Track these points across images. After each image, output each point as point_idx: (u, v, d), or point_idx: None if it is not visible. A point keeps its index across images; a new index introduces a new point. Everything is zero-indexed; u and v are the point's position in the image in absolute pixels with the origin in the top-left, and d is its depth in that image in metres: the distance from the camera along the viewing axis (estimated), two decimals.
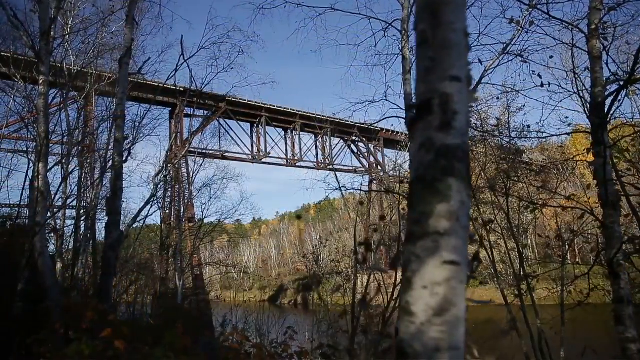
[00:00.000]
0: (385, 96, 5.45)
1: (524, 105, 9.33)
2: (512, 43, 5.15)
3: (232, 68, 11.18)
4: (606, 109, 3.37)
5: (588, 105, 3.55)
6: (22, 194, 7.77)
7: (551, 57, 4.52)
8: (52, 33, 5.90)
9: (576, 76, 3.67)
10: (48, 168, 6.45)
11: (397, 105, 5.18)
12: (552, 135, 5.50)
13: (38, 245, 5.24)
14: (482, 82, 5.40)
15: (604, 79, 3.54)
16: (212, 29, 13.28)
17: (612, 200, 3.20)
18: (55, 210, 9.33)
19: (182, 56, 8.15)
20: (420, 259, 0.71)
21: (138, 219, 10.86)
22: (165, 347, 2.32)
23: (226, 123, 31.73)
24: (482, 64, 5.05)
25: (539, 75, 4.05)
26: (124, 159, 6.49)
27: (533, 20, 3.77)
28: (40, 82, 5.55)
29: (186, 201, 20.71)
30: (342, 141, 39.24)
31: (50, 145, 8.15)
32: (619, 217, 3.22)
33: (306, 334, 9.49)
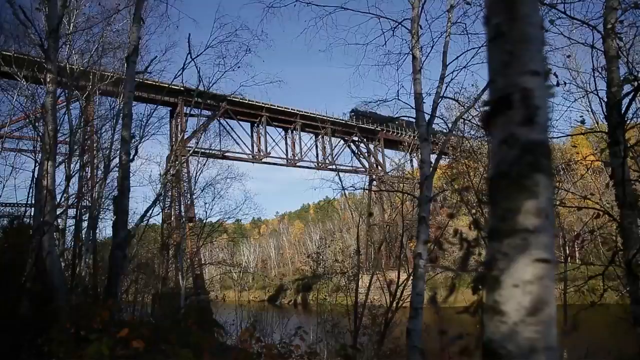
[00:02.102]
0: (398, 95, 5.42)
1: None
2: None
3: (239, 67, 11.13)
4: (623, 109, 3.36)
5: (604, 105, 3.54)
6: (29, 193, 7.72)
7: (568, 56, 4.50)
8: (59, 31, 5.86)
9: (597, 75, 3.66)
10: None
11: (409, 105, 5.15)
12: (567, 135, 5.47)
13: (46, 244, 5.21)
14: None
15: (621, 78, 3.53)
16: (219, 28, 13.12)
17: (630, 200, 3.19)
18: (61, 209, 9.29)
19: (189, 54, 8.09)
20: (508, 256, 0.70)
21: (145, 219, 10.82)
22: (192, 348, 2.30)
23: (227, 123, 31.72)
24: None
25: (555, 75, 4.05)
26: (131, 157, 6.45)
27: (553, 19, 3.76)
28: (48, 80, 5.51)
29: (187, 201, 20.69)
30: (342, 141, 39.23)
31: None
32: (637, 218, 3.20)
33: (311, 333, 9.48)
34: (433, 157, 5.77)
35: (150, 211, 9.75)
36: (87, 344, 3.34)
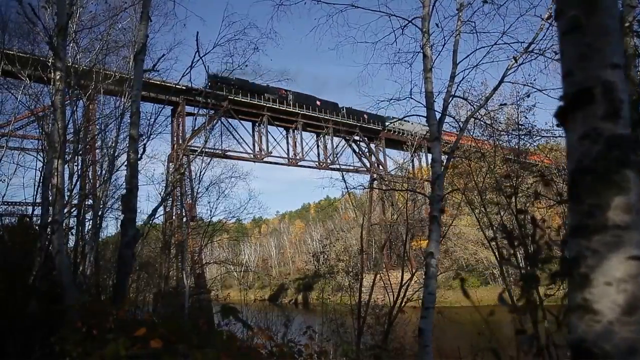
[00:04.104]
0: (411, 94, 5.40)
1: (534, 106, 9.28)
2: (534, 42, 5.13)
3: (246, 65, 11.07)
4: None
5: None
6: (36, 191, 7.70)
7: None
8: (68, 28, 5.84)
9: None
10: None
11: (422, 104, 5.13)
12: None
13: (56, 242, 5.18)
14: (505, 81, 5.35)
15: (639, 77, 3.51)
16: (228, 26, 13.17)
17: None
18: (71, 208, 9.28)
19: (197, 53, 8.03)
20: (598, 253, 0.68)
21: (153, 218, 10.81)
22: (216, 349, 2.28)
23: (228, 122, 31.70)
24: (516, 61, 5.02)
25: None
26: (139, 156, 6.42)
27: None
28: (57, 78, 5.49)
29: (189, 200, 20.66)
30: (343, 141, 39.23)
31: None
32: None
33: (316, 332, 9.46)
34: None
35: (158, 210, 9.72)
36: (99, 343, 3.32)
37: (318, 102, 36.02)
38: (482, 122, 7.16)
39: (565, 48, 0.82)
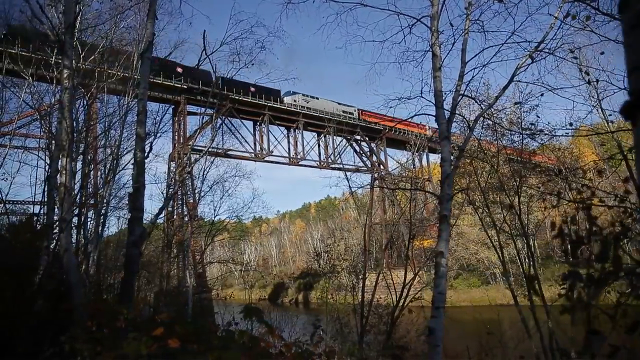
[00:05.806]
0: (422, 93, 5.38)
1: (537, 106, 9.24)
2: (544, 41, 5.11)
3: (253, 64, 11.03)
4: None
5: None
6: (43, 191, 7.67)
7: (602, 53, 4.45)
8: (76, 26, 5.82)
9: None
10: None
11: (432, 103, 5.11)
12: (595, 134, 5.43)
13: (64, 241, 5.16)
14: (514, 80, 5.33)
15: None
16: (235, 24, 13.26)
17: None
18: (79, 207, 9.25)
19: (204, 51, 7.99)
20: None
21: (159, 217, 10.81)
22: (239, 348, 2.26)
23: (229, 121, 31.69)
24: (531, 59, 4.98)
25: (587, 73, 3.99)
26: (146, 154, 6.40)
27: (589, 16, 3.70)
28: (65, 76, 5.46)
29: (191, 199, 20.66)
30: (344, 140, 39.22)
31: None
32: None
33: (324, 332, 9.46)
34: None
35: (165, 209, 9.71)
36: (111, 342, 3.30)
37: (179, 69, 29.62)
38: (489, 122, 7.14)
39: (633, 42, 0.80)
